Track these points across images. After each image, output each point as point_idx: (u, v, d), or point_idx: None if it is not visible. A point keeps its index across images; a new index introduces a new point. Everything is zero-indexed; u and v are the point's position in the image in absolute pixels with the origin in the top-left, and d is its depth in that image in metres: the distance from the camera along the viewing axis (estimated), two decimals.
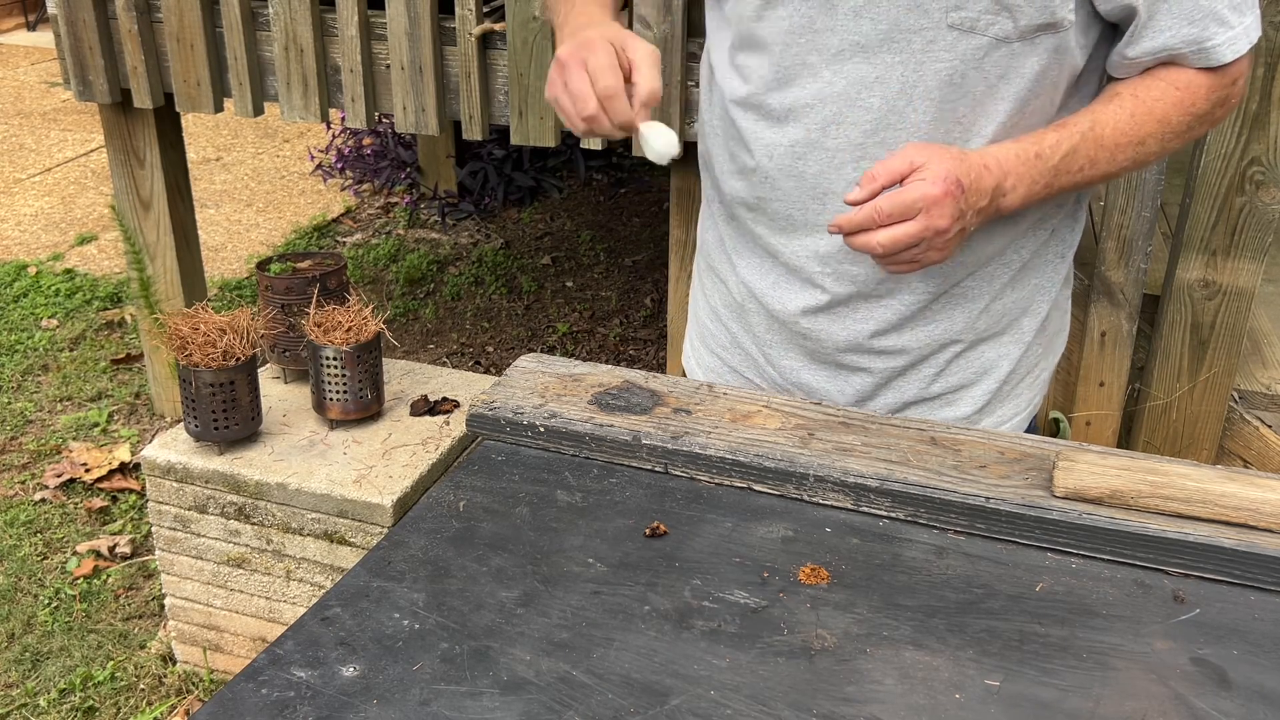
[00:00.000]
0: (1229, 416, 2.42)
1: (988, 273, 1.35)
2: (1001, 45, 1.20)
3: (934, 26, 1.20)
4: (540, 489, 1.22)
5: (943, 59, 1.21)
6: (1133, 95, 1.24)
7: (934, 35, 1.20)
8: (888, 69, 1.22)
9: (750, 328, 1.47)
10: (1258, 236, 2.27)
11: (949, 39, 1.20)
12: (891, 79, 1.23)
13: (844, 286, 1.35)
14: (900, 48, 1.21)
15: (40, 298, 4.15)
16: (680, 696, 0.93)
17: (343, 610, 1.02)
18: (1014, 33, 1.20)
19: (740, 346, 1.50)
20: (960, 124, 1.25)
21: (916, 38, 1.20)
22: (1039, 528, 1.13)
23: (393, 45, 2.67)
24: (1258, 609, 1.05)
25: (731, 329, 1.50)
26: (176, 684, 2.36)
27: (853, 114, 1.25)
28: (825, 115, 1.27)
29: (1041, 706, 0.92)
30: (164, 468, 2.13)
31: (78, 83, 2.95)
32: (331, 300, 2.23)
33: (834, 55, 1.24)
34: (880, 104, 1.24)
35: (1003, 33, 1.19)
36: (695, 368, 1.59)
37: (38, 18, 8.18)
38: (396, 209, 5.00)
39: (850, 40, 1.23)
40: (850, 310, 1.37)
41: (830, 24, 1.23)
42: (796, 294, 1.39)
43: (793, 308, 1.40)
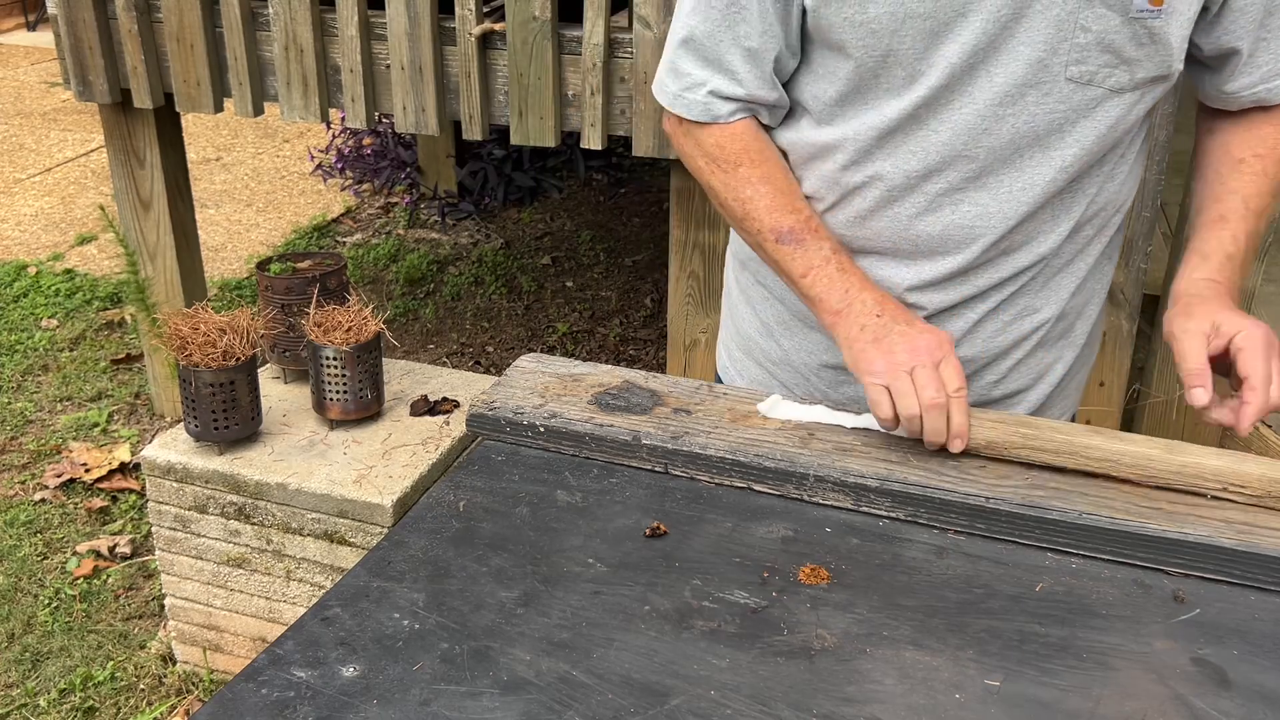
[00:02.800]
0: None
1: (1057, 282, 1.36)
2: (1114, 95, 1.21)
3: (1052, 80, 1.19)
4: (540, 489, 1.22)
5: (1056, 110, 1.21)
6: (1256, 156, 1.27)
7: (1050, 88, 1.19)
8: (997, 121, 1.21)
9: (807, 345, 1.45)
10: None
11: (1065, 90, 1.20)
12: (1002, 130, 1.22)
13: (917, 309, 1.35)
14: (1014, 99, 1.20)
15: (40, 298, 4.15)
16: (680, 696, 0.93)
17: (343, 610, 1.02)
18: (1129, 84, 1.20)
19: (792, 364, 1.48)
20: (1069, 169, 1.25)
21: (1033, 91, 1.20)
22: (1039, 528, 1.13)
23: (393, 45, 2.67)
24: (1258, 609, 1.05)
25: (784, 345, 1.48)
26: (176, 684, 2.36)
27: (957, 163, 1.25)
28: (928, 163, 1.25)
29: (1041, 706, 0.92)
30: (164, 468, 2.13)
31: (78, 83, 2.95)
32: (331, 300, 2.23)
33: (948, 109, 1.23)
34: (985, 154, 1.24)
35: (1118, 85, 1.20)
36: (737, 378, 1.57)
37: (38, 18, 8.18)
38: (396, 209, 5.00)
39: (970, 98, 1.21)
40: None
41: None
42: None
43: None
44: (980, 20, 1.15)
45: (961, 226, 1.28)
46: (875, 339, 1.21)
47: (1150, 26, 1.15)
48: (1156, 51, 1.17)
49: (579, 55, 2.56)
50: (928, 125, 1.23)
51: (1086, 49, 1.16)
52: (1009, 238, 1.29)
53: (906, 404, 1.16)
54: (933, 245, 1.30)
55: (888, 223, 1.30)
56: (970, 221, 1.27)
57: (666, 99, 1.33)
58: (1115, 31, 1.15)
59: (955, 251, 1.30)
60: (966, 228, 1.28)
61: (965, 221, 1.27)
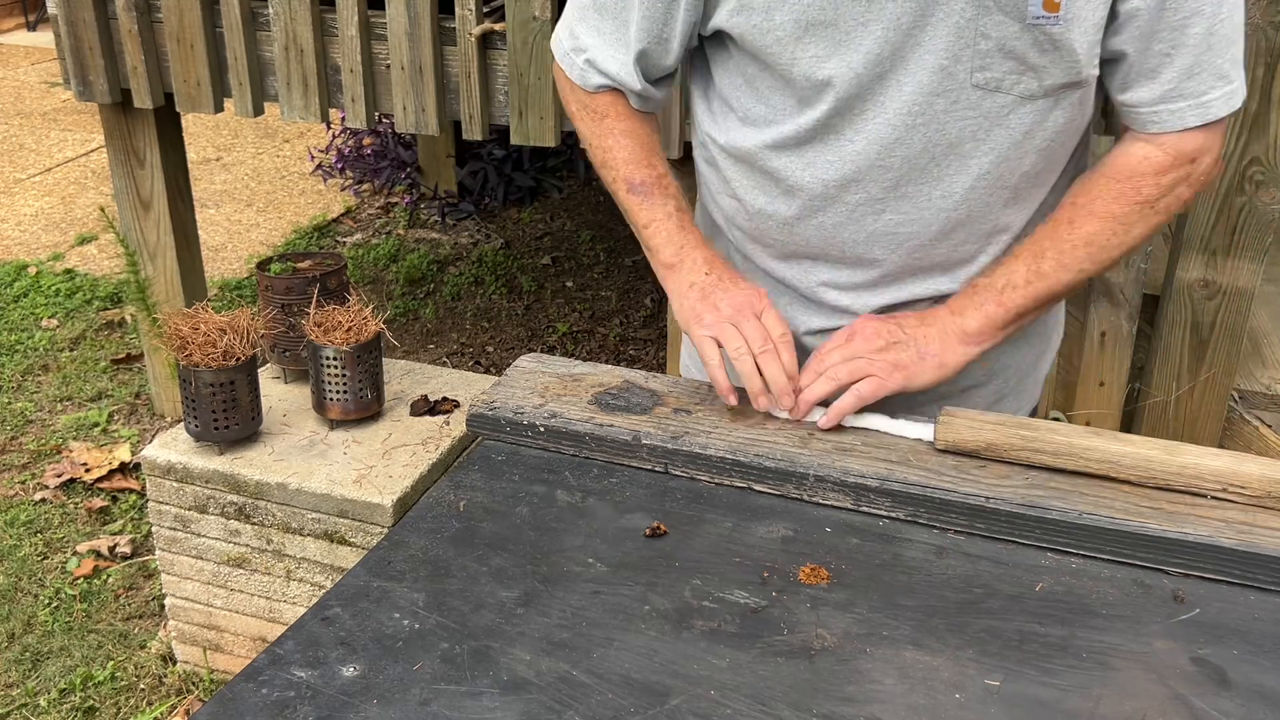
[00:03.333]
0: (1229, 416, 2.42)
1: None
2: (1026, 102, 1.21)
3: (959, 87, 1.20)
4: (540, 489, 1.22)
5: (967, 117, 1.22)
6: (1071, 203, 1.29)
7: (958, 95, 1.20)
8: (909, 130, 1.23)
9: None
10: (1258, 236, 2.27)
11: (973, 98, 1.20)
12: (914, 140, 1.23)
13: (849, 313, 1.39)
14: (923, 109, 1.21)
15: (40, 298, 4.15)
16: (680, 696, 0.93)
17: (343, 610, 1.02)
18: (1039, 91, 1.20)
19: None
20: (987, 176, 1.26)
21: (941, 100, 1.21)
22: (1039, 528, 1.13)
23: (393, 45, 2.67)
24: (1258, 609, 1.05)
25: None
26: (176, 684, 2.36)
27: (873, 172, 1.27)
28: (845, 173, 1.28)
29: (1041, 706, 0.92)
30: (164, 468, 2.13)
31: (78, 83, 2.95)
32: (331, 300, 2.23)
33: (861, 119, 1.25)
34: (901, 163, 1.25)
35: (1028, 91, 1.20)
36: (696, 374, 1.59)
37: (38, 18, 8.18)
38: (396, 209, 5.00)
39: (880, 107, 1.23)
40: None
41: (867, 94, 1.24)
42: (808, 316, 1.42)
43: (802, 328, 1.42)
44: (881, 29, 1.18)
45: (884, 234, 1.31)
46: (703, 295, 1.31)
47: (1050, 33, 1.15)
48: (1061, 58, 1.17)
49: None
50: (843, 135, 1.26)
51: (989, 55, 1.17)
52: (936, 247, 1.31)
53: (735, 345, 1.26)
54: (859, 252, 1.33)
55: (814, 230, 1.34)
56: (892, 229, 1.30)
57: (559, 52, 1.41)
58: (1015, 38, 1.16)
59: (882, 258, 1.33)
60: (889, 235, 1.31)
61: (888, 230, 1.31)
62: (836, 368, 1.26)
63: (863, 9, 1.17)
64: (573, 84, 1.40)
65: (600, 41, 1.34)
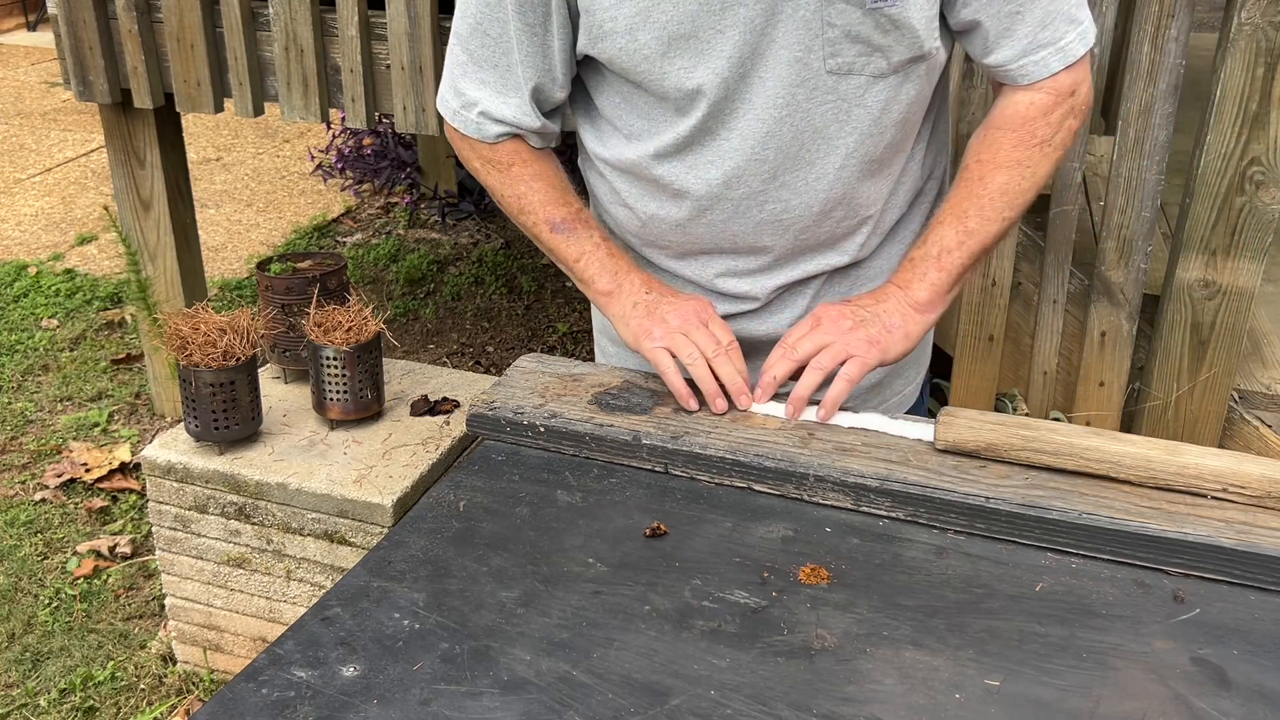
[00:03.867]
0: (1229, 416, 2.42)
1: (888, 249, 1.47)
2: (878, 80, 1.28)
3: (815, 76, 1.26)
4: (540, 489, 1.22)
5: (826, 102, 1.28)
6: (976, 161, 1.35)
7: (816, 83, 1.27)
8: (777, 123, 1.29)
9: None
10: (1258, 236, 2.27)
11: (829, 83, 1.27)
12: (783, 131, 1.30)
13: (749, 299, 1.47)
14: (786, 101, 1.28)
15: (40, 298, 4.15)
16: (680, 696, 0.93)
17: (343, 610, 1.02)
18: (888, 69, 1.27)
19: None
20: (854, 155, 1.33)
21: (801, 89, 1.27)
22: (1039, 528, 1.13)
23: (393, 45, 2.67)
24: (1258, 609, 1.05)
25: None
26: (176, 684, 2.36)
27: (751, 166, 1.33)
28: (726, 170, 1.34)
29: (1041, 706, 0.92)
30: (164, 468, 2.13)
31: (78, 83, 2.95)
32: (331, 300, 2.23)
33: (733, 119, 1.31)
34: (775, 155, 1.32)
35: (878, 70, 1.27)
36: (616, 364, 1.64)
37: (38, 18, 8.18)
38: (396, 209, 5.00)
39: (749, 105, 1.29)
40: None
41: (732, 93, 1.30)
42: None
43: None
44: (737, 33, 1.24)
45: (770, 222, 1.38)
46: (648, 311, 1.36)
47: (889, 14, 1.22)
48: (902, 36, 1.24)
49: None
50: (718, 136, 1.32)
51: (837, 42, 1.24)
52: (820, 226, 1.39)
53: (689, 354, 1.30)
54: (750, 241, 1.40)
55: (705, 228, 1.40)
56: (777, 216, 1.37)
57: (447, 113, 1.44)
58: (859, 23, 1.22)
59: (771, 244, 1.40)
60: (775, 222, 1.38)
61: (772, 217, 1.37)
62: (819, 357, 1.29)
63: (717, 17, 1.23)
64: (470, 140, 1.44)
65: (488, 92, 1.38)
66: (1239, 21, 2.12)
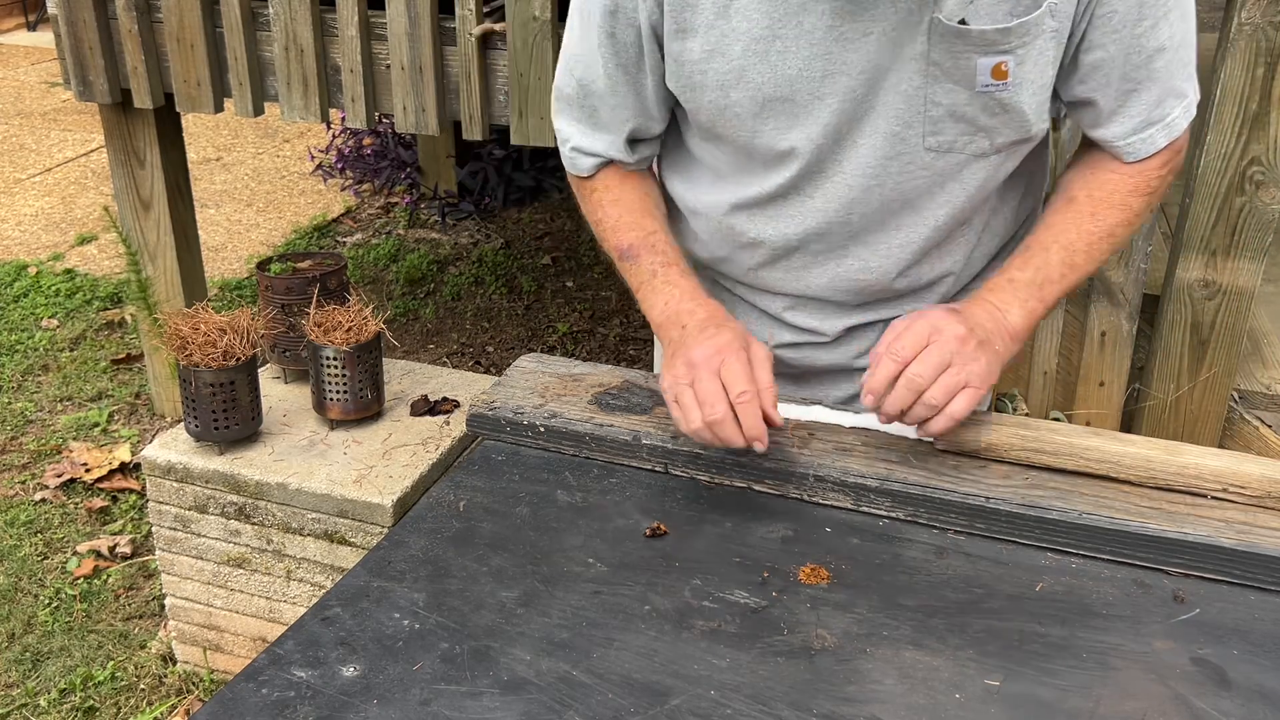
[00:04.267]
0: (1229, 416, 2.42)
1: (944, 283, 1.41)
2: (978, 159, 1.23)
3: (912, 151, 1.22)
4: (540, 489, 1.22)
5: (920, 176, 1.24)
6: (1088, 196, 1.27)
7: (912, 157, 1.23)
8: (866, 191, 1.25)
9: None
10: (1258, 236, 2.27)
11: (926, 159, 1.23)
12: (871, 199, 1.26)
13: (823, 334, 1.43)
14: (879, 171, 1.24)
15: (40, 298, 4.15)
16: (680, 696, 0.92)
17: (343, 610, 1.02)
18: (990, 149, 1.22)
19: None
20: (943, 225, 1.29)
21: (895, 162, 1.23)
22: (1039, 528, 1.13)
23: (393, 45, 2.67)
24: (1258, 609, 1.05)
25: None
26: (176, 684, 2.36)
27: (833, 227, 1.30)
28: (806, 227, 1.31)
29: (1041, 706, 0.92)
30: (164, 468, 2.13)
31: (78, 83, 2.95)
32: (331, 300, 2.23)
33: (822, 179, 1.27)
34: (860, 219, 1.28)
35: (979, 150, 1.22)
36: None
37: (38, 18, 8.18)
38: (396, 209, 4.99)
39: (839, 170, 1.26)
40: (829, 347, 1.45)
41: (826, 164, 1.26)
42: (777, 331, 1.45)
43: (771, 342, 1.44)
44: (836, 101, 1.19)
45: (847, 277, 1.35)
46: (674, 350, 1.22)
47: (999, 99, 1.17)
48: (1010, 120, 1.19)
49: None
50: (804, 192, 1.28)
51: (940, 121, 1.19)
52: (896, 283, 1.36)
53: (689, 418, 1.15)
54: (823, 293, 1.37)
55: (780, 275, 1.38)
56: (854, 275, 1.34)
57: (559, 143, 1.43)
58: (965, 104, 1.18)
59: (846, 297, 1.37)
60: (852, 279, 1.35)
61: (850, 275, 1.34)
62: (932, 391, 1.12)
63: (817, 84, 1.18)
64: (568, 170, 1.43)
65: (579, 129, 1.37)
66: (1239, 22, 2.12)
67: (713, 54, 1.20)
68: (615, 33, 1.24)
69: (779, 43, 1.17)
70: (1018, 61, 1.14)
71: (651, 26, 1.22)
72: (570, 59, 1.32)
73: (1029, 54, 1.14)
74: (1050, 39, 1.14)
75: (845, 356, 1.44)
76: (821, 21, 1.15)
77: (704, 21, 1.19)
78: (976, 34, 1.12)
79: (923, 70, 1.16)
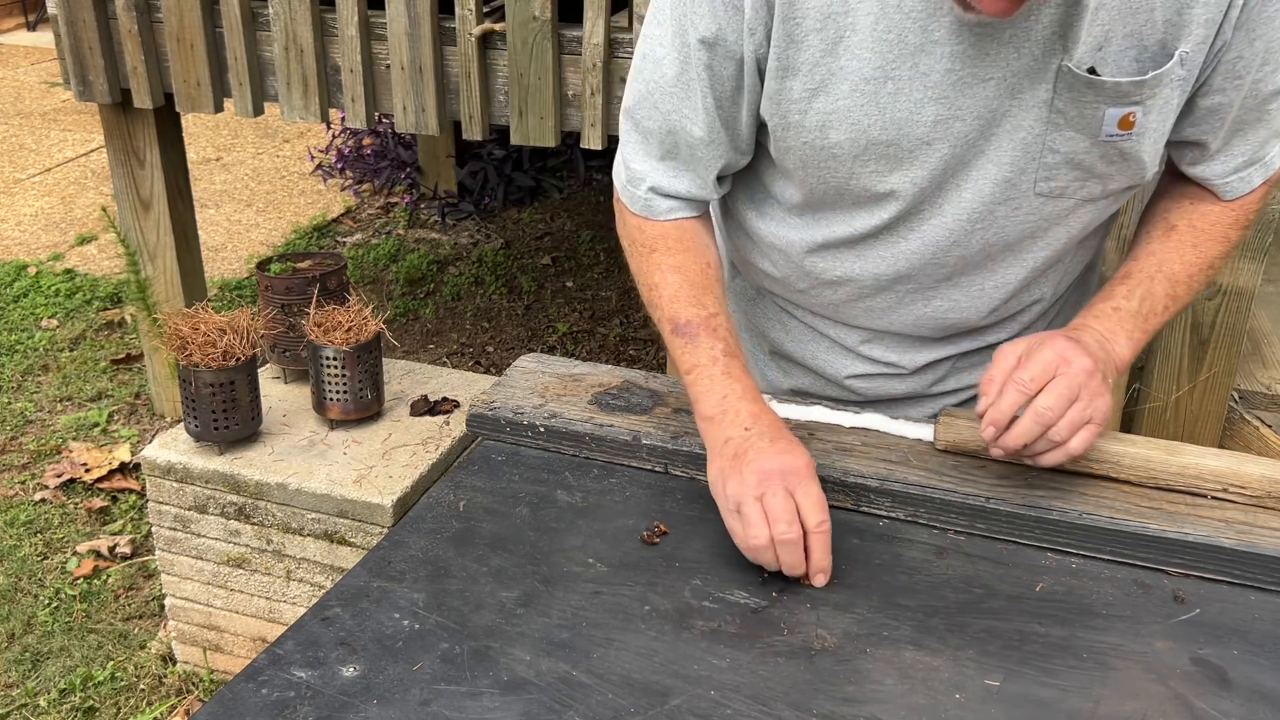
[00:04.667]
0: (1229, 416, 2.42)
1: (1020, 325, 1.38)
2: (1088, 204, 1.20)
3: (1021, 196, 1.18)
4: (540, 489, 1.22)
5: (1027, 221, 1.20)
6: (1190, 226, 1.23)
7: (1020, 202, 1.18)
8: (966, 235, 1.21)
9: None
10: (1258, 236, 2.27)
11: (1035, 204, 1.19)
12: (971, 243, 1.22)
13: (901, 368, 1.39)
14: (983, 215, 1.19)
15: (40, 298, 4.15)
16: (680, 696, 0.92)
17: (343, 610, 1.02)
18: (1101, 194, 1.19)
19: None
20: (1040, 265, 1.26)
21: (1003, 207, 1.19)
22: (1039, 528, 1.13)
23: (393, 45, 2.67)
24: (1258, 609, 1.05)
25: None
26: (176, 684, 2.36)
27: (927, 268, 1.25)
28: (898, 269, 1.26)
29: (1041, 706, 0.92)
30: (164, 468, 2.13)
31: (78, 83, 2.95)
32: (331, 300, 2.23)
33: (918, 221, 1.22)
34: (956, 261, 1.24)
35: (1090, 195, 1.19)
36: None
37: (38, 18, 8.18)
38: (396, 209, 5.00)
39: (939, 212, 1.21)
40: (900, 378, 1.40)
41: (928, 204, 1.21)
42: (850, 363, 1.40)
43: (843, 373, 1.41)
44: (946, 147, 1.14)
45: (934, 318, 1.30)
46: (735, 454, 1.12)
47: (1120, 148, 1.13)
48: (1128, 167, 1.16)
49: (579, 55, 2.56)
50: (897, 233, 1.23)
51: (1055, 168, 1.15)
52: (983, 321, 1.32)
53: (753, 533, 1.06)
54: (906, 330, 1.33)
55: (861, 312, 1.33)
56: (942, 315, 1.30)
57: (618, 184, 1.32)
58: (1085, 152, 1.14)
59: (930, 331, 1.33)
60: (938, 319, 1.30)
61: (937, 315, 1.30)
62: (1059, 427, 1.06)
63: (927, 129, 1.13)
64: (624, 214, 1.32)
65: (662, 167, 1.26)
66: None
67: (816, 93, 1.14)
68: (713, 65, 1.17)
69: (890, 84, 1.11)
70: (1145, 112, 1.11)
71: (757, 60, 1.15)
72: (655, 91, 1.21)
73: (1155, 104, 1.11)
74: (1177, 88, 1.11)
75: (921, 385, 1.40)
76: (940, 65, 1.10)
77: (809, 60, 1.12)
78: (1111, 86, 1.08)
79: (1044, 118, 1.12)
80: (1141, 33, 1.07)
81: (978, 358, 1.38)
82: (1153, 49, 1.08)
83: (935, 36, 1.08)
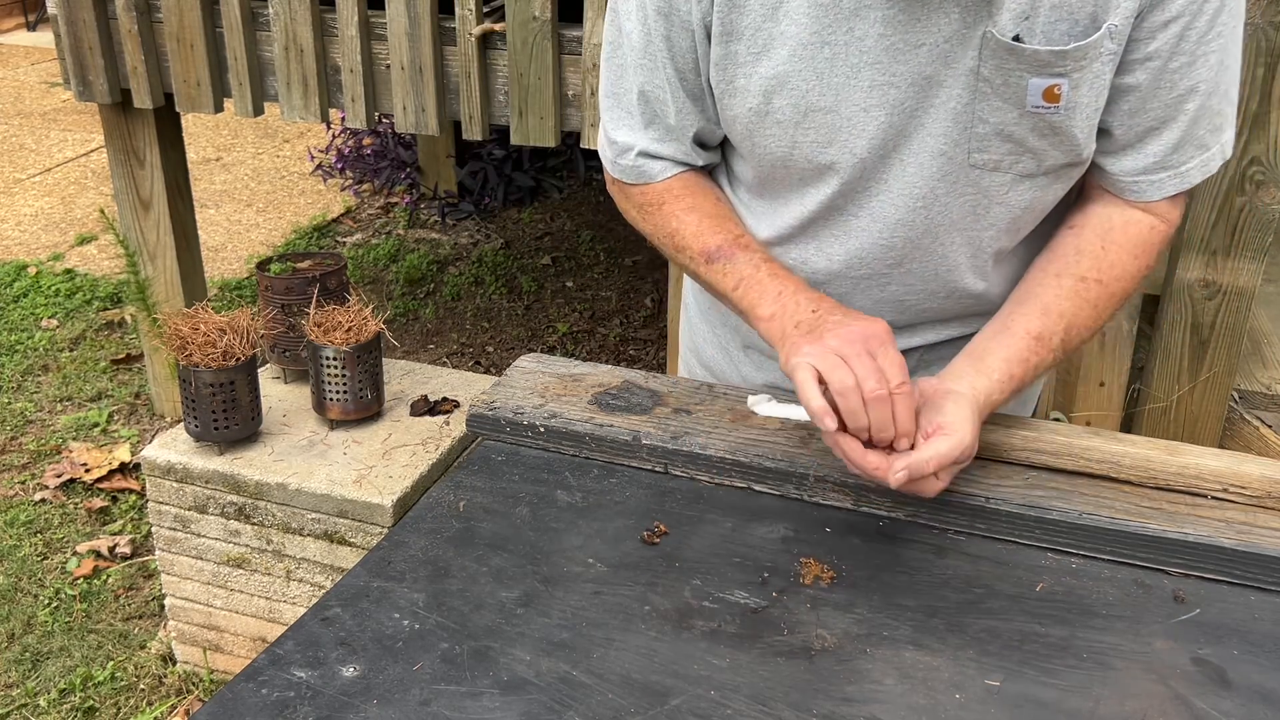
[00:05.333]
0: (1229, 416, 2.42)
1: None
2: (1025, 179, 1.19)
3: (958, 169, 1.18)
4: (540, 489, 1.22)
5: (966, 195, 1.20)
6: (1098, 281, 1.21)
7: (958, 176, 1.19)
8: (911, 212, 1.22)
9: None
10: (1258, 236, 2.27)
11: (972, 176, 1.19)
12: (916, 222, 1.22)
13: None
14: (925, 194, 1.20)
15: (40, 298, 4.15)
16: (680, 696, 0.92)
17: (343, 610, 1.02)
18: (1037, 170, 1.19)
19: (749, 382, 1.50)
20: (988, 248, 1.26)
21: (942, 184, 1.19)
22: (1039, 528, 1.13)
23: (393, 45, 2.67)
24: (1258, 609, 1.05)
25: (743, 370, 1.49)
26: (176, 684, 2.36)
27: (876, 250, 1.26)
28: (849, 249, 1.27)
29: (1041, 706, 0.92)
30: (164, 468, 2.13)
31: (78, 83, 2.95)
32: (331, 300, 2.23)
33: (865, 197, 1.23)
34: (903, 243, 1.24)
35: (1026, 171, 1.18)
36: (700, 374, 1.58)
37: (38, 18, 8.18)
38: (396, 209, 5.00)
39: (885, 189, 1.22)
40: None
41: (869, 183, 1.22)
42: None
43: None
44: (884, 114, 1.15)
45: (891, 302, 1.31)
46: (809, 330, 1.12)
47: (1050, 121, 1.13)
48: (1060, 142, 1.15)
49: (579, 55, 2.56)
50: (847, 211, 1.24)
51: (986, 139, 1.15)
52: (943, 307, 1.33)
53: (839, 377, 1.04)
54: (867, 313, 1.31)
55: None
56: (898, 298, 1.31)
57: (607, 164, 1.35)
58: (1014, 124, 1.13)
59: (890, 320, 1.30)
60: (896, 302, 1.31)
61: (894, 298, 1.31)
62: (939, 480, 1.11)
63: (864, 95, 1.14)
64: (625, 190, 1.34)
65: (646, 135, 1.29)
66: None
67: (759, 58, 1.16)
68: (670, 36, 1.20)
69: (827, 49, 1.13)
70: (1072, 85, 1.10)
71: (705, 26, 1.18)
72: (627, 66, 1.25)
73: (1084, 78, 1.10)
74: (1107, 62, 1.10)
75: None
76: (874, 29, 1.11)
77: (751, 24, 1.15)
78: (1030, 54, 1.09)
79: (972, 86, 1.12)
80: (1071, 4, 1.08)
81: (947, 350, 1.38)
82: (1084, 22, 1.08)
83: (868, 1, 1.10)
